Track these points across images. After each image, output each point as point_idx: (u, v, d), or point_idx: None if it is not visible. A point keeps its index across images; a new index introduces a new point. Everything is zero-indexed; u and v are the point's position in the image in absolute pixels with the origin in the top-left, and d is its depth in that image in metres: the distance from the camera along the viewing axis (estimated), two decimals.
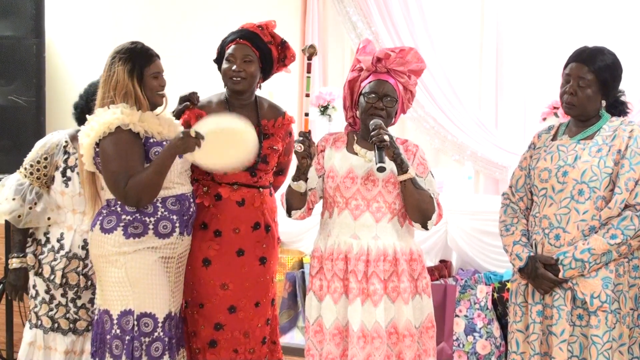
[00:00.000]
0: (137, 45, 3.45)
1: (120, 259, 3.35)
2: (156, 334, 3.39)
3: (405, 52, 3.29)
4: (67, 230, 3.75)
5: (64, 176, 3.73)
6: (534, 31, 7.19)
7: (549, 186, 3.23)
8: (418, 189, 3.15)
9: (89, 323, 3.78)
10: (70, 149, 3.75)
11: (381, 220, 3.22)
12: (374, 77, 3.27)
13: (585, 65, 3.19)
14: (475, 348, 4.71)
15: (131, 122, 3.32)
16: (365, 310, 3.16)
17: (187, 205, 3.48)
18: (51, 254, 3.73)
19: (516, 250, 3.29)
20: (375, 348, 3.13)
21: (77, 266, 3.73)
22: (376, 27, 7.58)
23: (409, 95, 3.34)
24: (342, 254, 3.23)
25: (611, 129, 3.21)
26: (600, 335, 3.07)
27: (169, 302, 3.45)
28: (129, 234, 3.35)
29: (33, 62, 4.82)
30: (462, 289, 4.81)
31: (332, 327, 3.22)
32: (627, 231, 3.06)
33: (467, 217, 5.14)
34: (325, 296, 3.25)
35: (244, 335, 3.67)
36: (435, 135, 7.40)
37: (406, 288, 3.19)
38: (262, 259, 3.70)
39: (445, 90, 7.27)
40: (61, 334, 3.77)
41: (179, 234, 3.45)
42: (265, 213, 3.70)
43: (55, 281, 3.71)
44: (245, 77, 3.60)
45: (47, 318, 3.77)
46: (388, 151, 3.07)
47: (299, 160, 3.13)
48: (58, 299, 3.75)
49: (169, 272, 3.46)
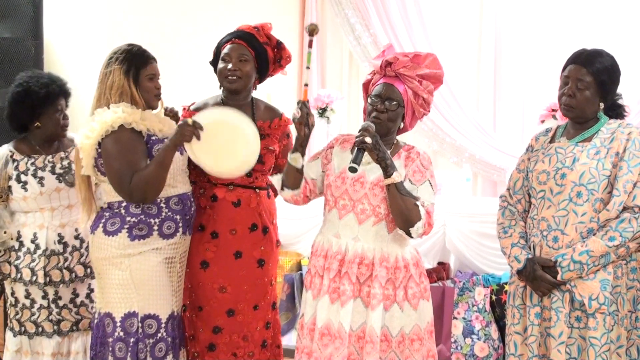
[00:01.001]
0: (134, 47, 3.46)
1: (124, 261, 3.36)
2: (160, 335, 3.40)
3: (420, 57, 3.26)
4: (40, 229, 3.75)
5: (20, 182, 3.74)
6: (532, 34, 7.20)
7: (547, 188, 3.23)
8: (403, 195, 3.07)
9: (73, 323, 3.79)
10: (17, 157, 3.78)
11: (364, 223, 3.19)
12: (383, 81, 3.26)
13: (584, 68, 3.19)
14: (473, 350, 4.71)
15: (133, 120, 3.33)
16: (333, 309, 3.15)
17: (188, 204, 3.50)
18: (28, 256, 3.73)
19: (514, 253, 3.29)
20: (335, 348, 3.11)
21: (58, 262, 3.73)
22: (374, 30, 7.59)
23: (421, 101, 3.27)
24: (324, 251, 3.23)
25: (609, 131, 3.21)
26: (598, 337, 3.07)
27: (171, 303, 3.47)
28: (134, 235, 3.36)
29: (31, 63, 4.81)
30: (460, 291, 4.81)
31: (309, 322, 3.23)
32: (626, 233, 3.06)
33: (465, 220, 5.14)
34: (307, 291, 3.28)
35: (242, 338, 3.67)
36: (434, 138, 7.41)
37: (376, 294, 3.12)
38: (260, 261, 3.69)
39: (443, 93, 7.27)
40: (46, 337, 3.76)
41: (182, 233, 3.47)
42: (263, 214, 3.70)
43: (38, 281, 3.70)
44: (241, 76, 3.61)
45: (30, 323, 3.76)
46: (372, 154, 3.04)
47: (297, 126, 3.15)
48: (39, 301, 3.74)
49: (171, 272, 3.47)
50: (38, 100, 3.72)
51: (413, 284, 3.21)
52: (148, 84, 3.44)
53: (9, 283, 3.78)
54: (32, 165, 3.74)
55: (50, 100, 3.75)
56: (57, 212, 3.75)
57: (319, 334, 3.14)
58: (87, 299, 3.80)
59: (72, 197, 3.76)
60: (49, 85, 3.77)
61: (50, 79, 3.83)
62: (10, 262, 3.77)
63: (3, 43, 4.80)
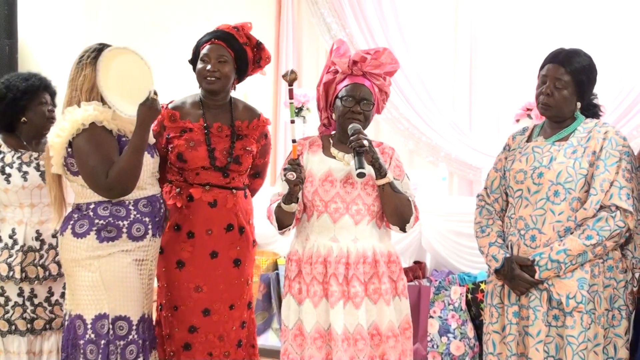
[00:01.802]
0: (105, 46, 3.42)
1: (94, 262, 3.32)
2: (130, 337, 3.37)
3: (379, 53, 3.28)
4: (18, 225, 3.72)
5: (4, 174, 3.71)
6: (508, 33, 7.26)
7: (525, 187, 3.24)
8: (397, 193, 3.15)
9: (47, 322, 3.76)
10: (4, 149, 3.77)
11: (360, 223, 3.21)
12: (350, 80, 3.25)
13: (562, 67, 3.20)
14: (449, 349, 4.72)
15: (104, 119, 3.30)
16: (348, 312, 3.15)
17: (157, 206, 3.46)
18: (5, 251, 3.70)
19: (492, 252, 3.29)
20: (358, 350, 3.13)
21: (34, 258, 3.71)
22: (350, 29, 7.60)
23: (384, 97, 3.35)
24: (321, 257, 3.20)
25: (586, 130, 3.23)
26: (575, 336, 3.08)
27: (142, 305, 3.44)
28: (102, 237, 3.32)
29: (6, 62, 4.79)
30: (436, 290, 4.82)
31: (313, 330, 3.19)
32: (603, 232, 3.07)
33: (442, 219, 5.15)
34: (304, 300, 3.23)
35: (218, 338, 3.65)
36: (410, 137, 7.44)
37: (387, 289, 3.19)
38: (236, 261, 3.68)
39: (419, 92, 7.31)
40: (19, 336, 3.73)
41: (152, 235, 3.43)
42: (239, 215, 3.68)
43: (15, 277, 3.67)
44: (220, 77, 3.59)
45: (3, 321, 3.72)
46: (367, 156, 3.07)
47: (291, 187, 3.10)
48: (14, 299, 3.71)
49: (142, 274, 3.44)
50: (19, 93, 3.72)
51: (402, 275, 3.29)
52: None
53: None
54: (17, 159, 3.72)
55: (32, 93, 3.75)
56: (37, 208, 3.73)
57: (340, 341, 3.12)
58: (61, 298, 3.77)
59: None
60: (29, 78, 3.78)
61: (30, 74, 3.84)
62: None
63: None
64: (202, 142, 3.61)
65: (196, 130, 3.63)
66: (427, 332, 4.81)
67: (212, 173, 3.62)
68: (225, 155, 3.63)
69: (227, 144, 3.65)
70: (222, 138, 3.65)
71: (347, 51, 3.32)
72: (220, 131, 3.65)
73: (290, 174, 3.08)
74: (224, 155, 3.62)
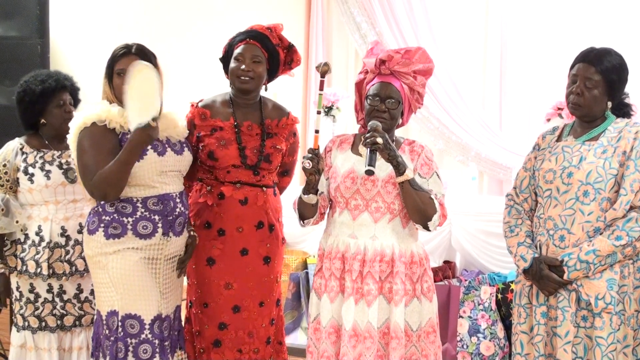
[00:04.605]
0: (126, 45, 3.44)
1: (102, 260, 3.34)
2: (143, 336, 3.34)
3: (411, 52, 3.27)
4: (44, 222, 3.76)
5: (27, 174, 3.76)
6: (538, 32, 7.21)
7: (554, 187, 3.23)
8: (417, 190, 3.13)
9: (76, 318, 3.80)
10: (26, 150, 3.81)
11: (380, 221, 3.21)
12: (378, 80, 3.26)
13: (593, 66, 3.18)
14: (479, 349, 4.71)
15: (107, 118, 3.33)
16: (359, 309, 3.16)
17: (171, 205, 3.42)
18: (33, 248, 3.74)
19: (520, 252, 3.28)
20: (366, 348, 3.13)
21: (60, 255, 3.75)
22: (380, 28, 7.59)
23: (416, 96, 3.32)
24: (339, 253, 3.23)
25: (616, 130, 3.20)
26: (604, 337, 3.06)
27: (157, 304, 3.40)
28: (109, 234, 3.33)
29: (37, 62, 4.83)
30: (466, 289, 4.81)
31: (328, 325, 3.22)
32: (632, 233, 3.05)
33: (471, 218, 5.14)
34: (323, 294, 3.27)
35: (248, 335, 3.67)
36: (440, 136, 7.42)
37: (398, 290, 3.16)
38: (266, 258, 3.70)
39: (449, 91, 7.28)
40: (49, 332, 3.77)
41: (163, 234, 3.40)
42: (269, 212, 3.70)
43: (42, 273, 3.71)
44: (254, 77, 3.61)
45: (34, 318, 3.76)
46: (383, 153, 3.06)
47: (307, 176, 3.13)
48: (43, 295, 3.75)
49: (156, 273, 3.42)
50: (35, 97, 3.76)
51: (427, 277, 3.27)
52: (116, 80, 3.41)
53: (14, 276, 3.79)
54: (40, 159, 3.77)
55: (47, 96, 3.78)
56: (62, 205, 3.77)
57: (347, 337, 3.14)
58: (91, 295, 3.81)
59: (77, 192, 3.78)
60: (45, 81, 3.80)
61: (48, 75, 3.86)
62: (16, 255, 3.78)
63: (9, 42, 4.81)
64: (232, 140, 3.63)
65: (227, 128, 3.65)
66: (457, 332, 4.80)
67: (242, 171, 3.64)
68: (255, 153, 3.65)
69: (257, 142, 3.67)
70: (252, 136, 3.67)
71: (381, 51, 3.33)
72: (250, 130, 3.67)
73: (307, 162, 3.10)
74: (254, 153, 3.64)
